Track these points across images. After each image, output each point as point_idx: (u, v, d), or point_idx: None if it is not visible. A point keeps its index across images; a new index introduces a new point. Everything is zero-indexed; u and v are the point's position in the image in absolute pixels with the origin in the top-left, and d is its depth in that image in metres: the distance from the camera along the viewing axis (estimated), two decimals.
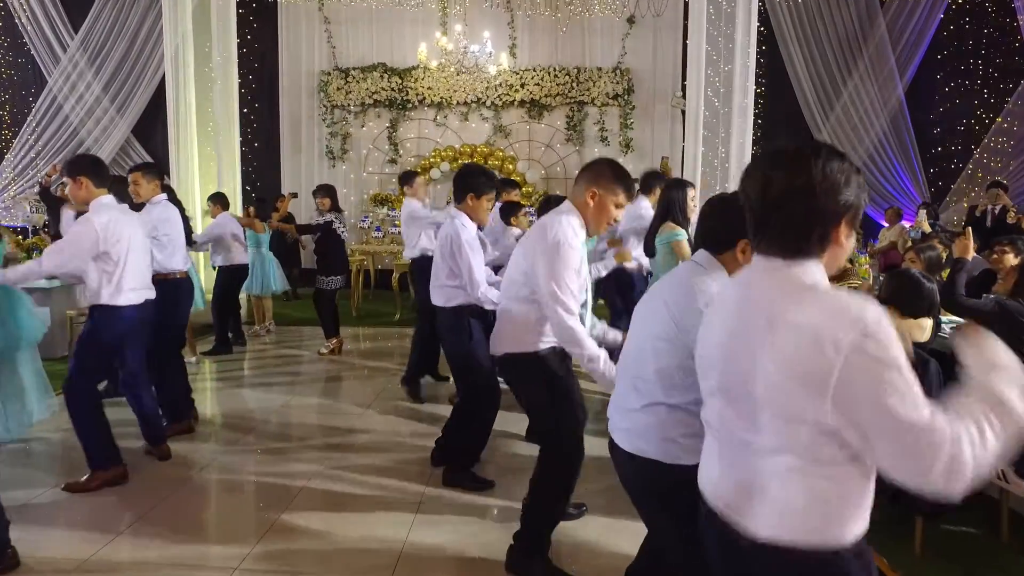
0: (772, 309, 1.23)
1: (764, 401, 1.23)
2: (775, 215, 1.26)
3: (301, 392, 5.49)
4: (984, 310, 3.06)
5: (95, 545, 3.00)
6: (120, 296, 3.57)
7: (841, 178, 1.24)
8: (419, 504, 3.44)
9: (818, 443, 1.19)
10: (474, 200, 3.73)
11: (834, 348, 1.13)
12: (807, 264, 1.26)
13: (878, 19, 10.18)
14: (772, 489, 1.25)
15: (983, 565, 2.91)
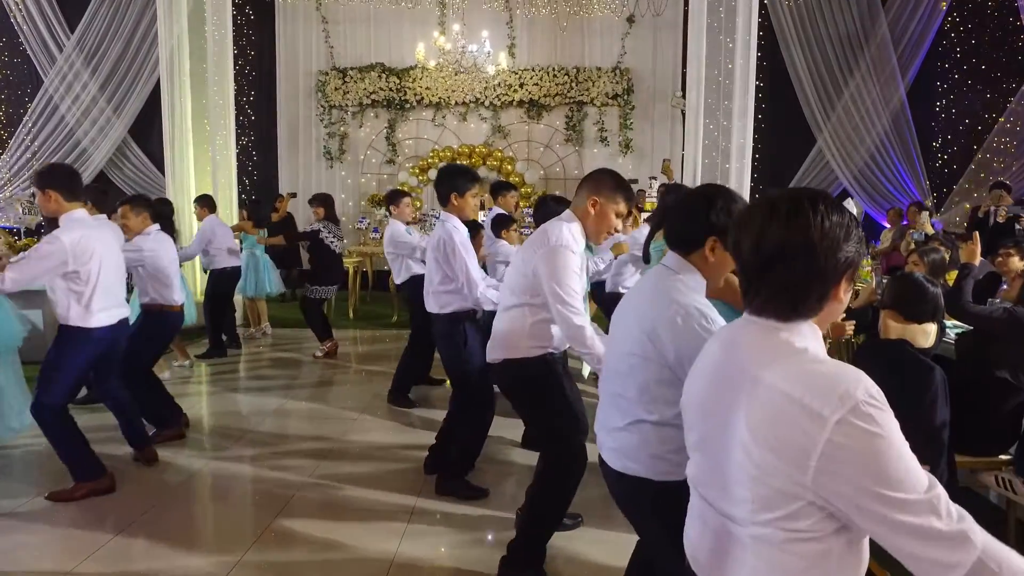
0: (756, 372, 1.14)
1: (739, 466, 1.14)
2: (770, 275, 1.16)
3: (295, 396, 5.41)
4: (993, 318, 2.98)
5: (79, 556, 2.93)
6: (91, 317, 3.43)
7: (841, 233, 1.14)
8: (411, 514, 3.37)
9: (797, 517, 1.08)
10: (458, 199, 3.65)
11: (818, 424, 1.03)
12: (801, 326, 1.17)
13: (880, 18, 10.10)
14: (744, 560, 1.16)
15: None
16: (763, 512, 1.11)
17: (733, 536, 1.18)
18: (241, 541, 3.09)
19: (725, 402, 1.18)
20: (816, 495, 1.05)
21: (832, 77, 10.21)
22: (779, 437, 1.07)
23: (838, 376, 1.06)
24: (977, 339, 3.05)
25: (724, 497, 1.19)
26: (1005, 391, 2.86)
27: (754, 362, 1.15)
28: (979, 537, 1.02)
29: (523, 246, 2.81)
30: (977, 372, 2.94)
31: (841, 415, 1.01)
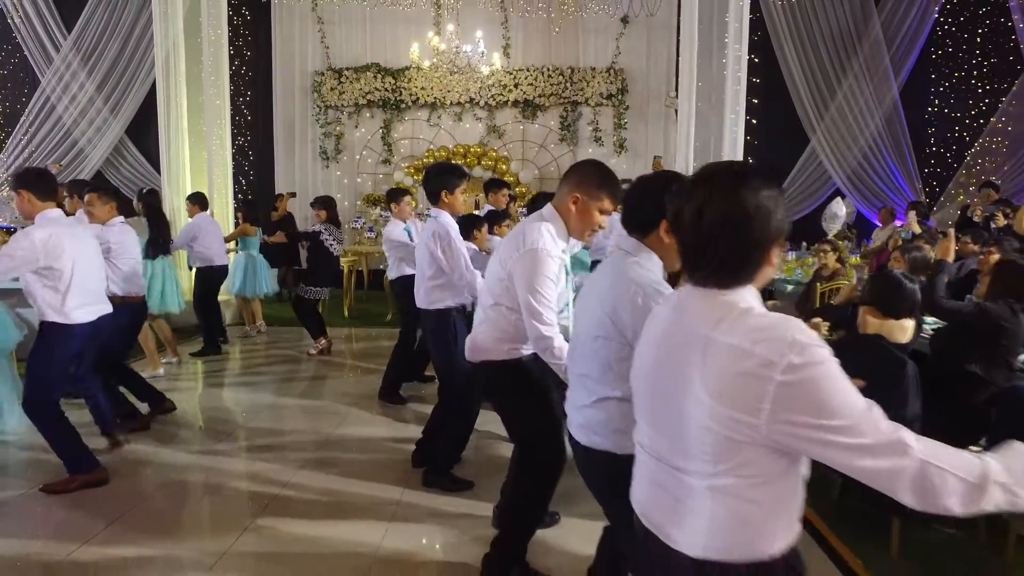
0: (708, 334, 1.22)
1: (697, 426, 1.22)
2: (710, 247, 1.24)
3: (287, 392, 5.47)
4: (963, 313, 3.04)
5: (72, 544, 3.00)
6: (71, 313, 3.50)
7: (772, 204, 1.23)
8: (396, 505, 3.42)
9: (747, 464, 1.19)
10: (449, 196, 3.70)
11: (768, 371, 1.12)
12: (742, 291, 1.26)
13: (873, 19, 10.16)
14: (700, 509, 1.25)
15: (959, 566, 2.88)
16: (720, 463, 1.20)
17: (690, 489, 1.27)
18: (230, 531, 3.15)
19: (678, 365, 1.26)
20: (768, 438, 1.15)
21: (825, 77, 10.28)
22: (734, 388, 1.16)
23: (781, 326, 1.16)
24: (949, 334, 3.11)
25: (679, 453, 1.28)
26: (975, 384, 2.92)
27: (705, 325, 1.24)
28: (918, 444, 1.12)
29: (500, 246, 2.75)
30: (949, 366, 3.00)
31: (788, 359, 1.12)
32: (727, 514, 1.23)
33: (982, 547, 3.01)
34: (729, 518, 1.22)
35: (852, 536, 3.12)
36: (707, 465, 1.22)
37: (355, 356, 6.87)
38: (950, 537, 3.11)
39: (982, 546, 3.02)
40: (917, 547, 3.00)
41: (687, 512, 1.28)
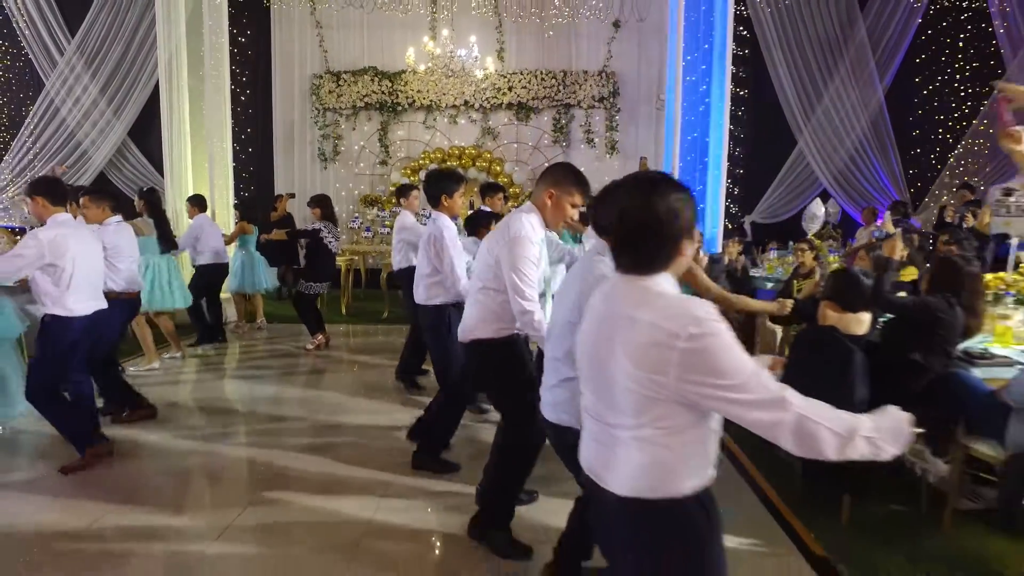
0: (631, 313, 1.49)
1: (622, 388, 1.49)
2: (630, 243, 1.54)
3: (287, 383, 5.71)
4: (907, 306, 3.29)
5: (89, 518, 3.27)
6: (70, 307, 3.79)
7: (679, 205, 1.52)
8: (387, 487, 3.67)
9: (663, 417, 1.46)
10: (447, 200, 4.02)
11: (673, 340, 1.39)
12: (658, 277, 1.54)
13: (858, 24, 10.42)
14: (626, 456, 1.52)
15: (904, 537, 3.12)
16: (640, 417, 1.48)
17: (620, 440, 1.54)
18: (233, 507, 3.41)
19: (609, 340, 1.53)
20: (677, 394, 1.42)
21: (812, 81, 10.52)
22: (649, 356, 1.43)
23: (686, 306, 1.44)
24: (895, 326, 3.36)
25: (611, 413, 1.55)
26: (916, 371, 3.17)
27: (628, 306, 1.51)
28: (797, 400, 1.39)
29: (488, 236, 3.07)
30: (895, 354, 3.25)
31: (688, 332, 1.38)
32: (647, 459, 1.49)
33: (923, 521, 3.26)
34: (648, 462, 1.49)
35: (804, 510, 3.37)
36: (630, 419, 1.49)
37: (352, 351, 7.12)
38: (895, 512, 3.37)
39: (923, 520, 3.26)
40: (865, 521, 3.25)
41: (616, 459, 1.55)
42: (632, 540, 1.59)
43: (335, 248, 6.88)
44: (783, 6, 10.32)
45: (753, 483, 3.75)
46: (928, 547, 3.04)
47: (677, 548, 1.53)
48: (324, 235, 6.72)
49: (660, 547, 1.54)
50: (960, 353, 3.24)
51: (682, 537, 1.53)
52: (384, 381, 5.74)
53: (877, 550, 3.02)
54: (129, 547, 3.03)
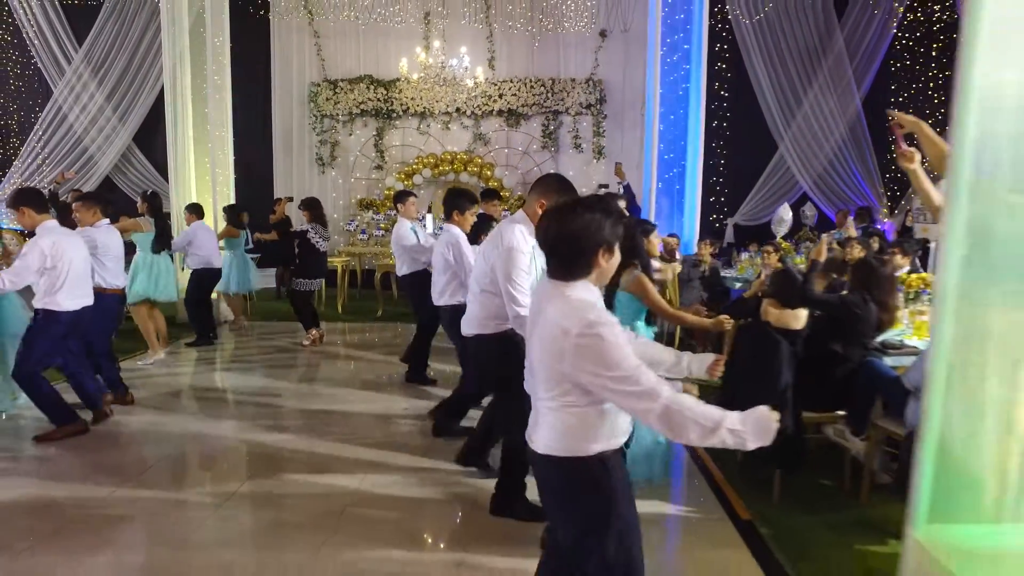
0: (545, 310, 1.88)
1: (539, 371, 1.89)
2: (554, 253, 1.89)
3: (282, 376, 6.11)
4: (829, 303, 3.70)
5: (108, 488, 3.70)
6: (62, 303, 4.32)
7: (594, 226, 1.84)
8: (372, 464, 4.08)
9: (567, 393, 1.84)
10: (459, 216, 4.72)
11: (567, 335, 1.77)
12: (576, 284, 1.88)
13: (836, 34, 10.84)
14: (544, 423, 1.93)
15: (825, 506, 3.53)
16: (552, 391, 1.87)
17: (541, 411, 1.94)
18: (233, 481, 3.83)
19: (538, 331, 1.92)
20: (572, 378, 1.80)
21: (792, 88, 10.93)
22: (552, 346, 1.81)
23: (582, 308, 1.80)
24: (819, 320, 3.77)
25: (537, 389, 1.95)
26: (836, 361, 3.57)
27: (545, 304, 1.90)
28: (667, 393, 1.73)
29: (484, 243, 3.44)
30: (819, 346, 3.65)
31: (579, 329, 1.75)
32: (558, 426, 1.89)
33: (846, 494, 3.66)
34: (559, 428, 1.88)
35: (740, 483, 3.79)
36: (546, 394, 1.89)
37: (347, 346, 7.54)
38: (822, 485, 3.77)
39: (846, 493, 3.67)
40: (795, 493, 3.65)
41: (539, 425, 1.95)
42: (548, 487, 2.00)
43: (323, 248, 7.28)
44: (763, 17, 10.74)
45: (700, 462, 4.16)
46: (845, 514, 3.44)
47: (581, 497, 1.92)
48: (311, 235, 7.14)
49: (568, 495, 1.94)
50: (877, 344, 3.64)
51: (585, 488, 1.90)
52: (378, 373, 6.17)
53: (799, 516, 3.43)
54: (139, 514, 3.45)
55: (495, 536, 3.25)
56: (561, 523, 2.02)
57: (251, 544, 3.22)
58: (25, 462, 4.13)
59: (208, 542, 3.20)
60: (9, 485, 3.76)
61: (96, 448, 4.34)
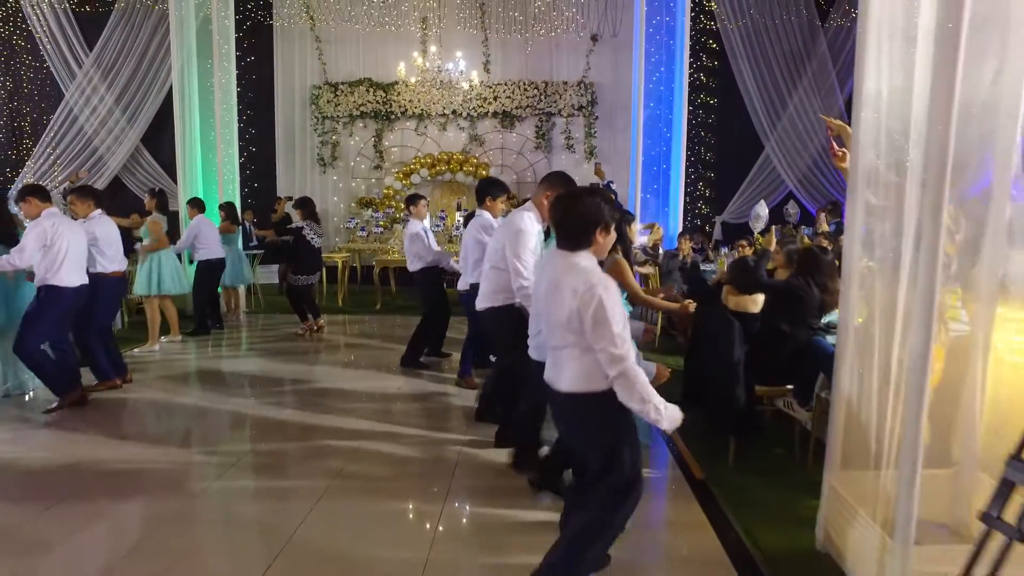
0: (560, 278, 2.35)
1: (562, 323, 2.33)
2: (562, 228, 2.41)
3: (283, 360, 6.50)
4: (775, 287, 4.09)
5: (123, 453, 4.11)
6: (64, 278, 4.78)
7: (594, 208, 2.37)
8: (366, 432, 4.48)
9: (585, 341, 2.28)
10: (491, 201, 4.98)
11: (577, 295, 2.24)
12: (580, 254, 2.39)
13: (819, 38, 11.23)
14: (567, 367, 2.37)
15: (776, 472, 3.90)
16: (568, 341, 2.33)
17: (563, 357, 2.38)
18: (243, 444, 4.25)
19: (554, 293, 2.37)
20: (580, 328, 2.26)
21: (778, 91, 11.32)
22: (569, 306, 2.26)
23: (587, 273, 2.30)
24: (768, 302, 4.16)
25: (555, 340, 2.41)
26: (783, 338, 3.95)
27: (559, 273, 2.37)
28: (631, 361, 2.23)
29: (498, 228, 4.00)
30: (769, 325, 4.04)
31: (584, 289, 2.24)
32: (578, 368, 2.33)
33: (796, 462, 4.05)
34: (583, 370, 2.32)
35: (697, 447, 4.19)
36: (565, 343, 2.34)
37: (347, 335, 7.94)
38: (774, 454, 4.16)
39: (796, 461, 4.05)
40: (749, 460, 4.03)
41: (561, 369, 2.40)
42: (574, 422, 2.48)
43: (317, 244, 7.69)
44: (748, 21, 11.13)
45: (667, 435, 4.54)
46: (790, 476, 3.82)
47: (602, 424, 2.39)
48: (306, 232, 7.55)
49: (591, 424, 2.41)
50: (822, 324, 4.03)
51: (605, 417, 2.37)
52: (375, 359, 6.56)
53: (749, 478, 3.81)
54: (153, 474, 3.85)
55: (483, 489, 3.65)
56: (588, 450, 2.49)
57: (256, 497, 3.62)
58: (44, 431, 4.55)
59: (216, 495, 3.61)
60: (31, 452, 4.17)
61: (106, 420, 4.75)
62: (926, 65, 2.36)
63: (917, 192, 2.41)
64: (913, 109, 2.49)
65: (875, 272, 2.72)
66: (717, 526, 3.27)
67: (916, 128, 2.47)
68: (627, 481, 2.41)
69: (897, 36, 2.62)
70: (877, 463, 2.59)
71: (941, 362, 2.66)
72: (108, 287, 5.48)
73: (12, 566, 2.88)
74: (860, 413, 2.74)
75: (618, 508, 2.43)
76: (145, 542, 3.10)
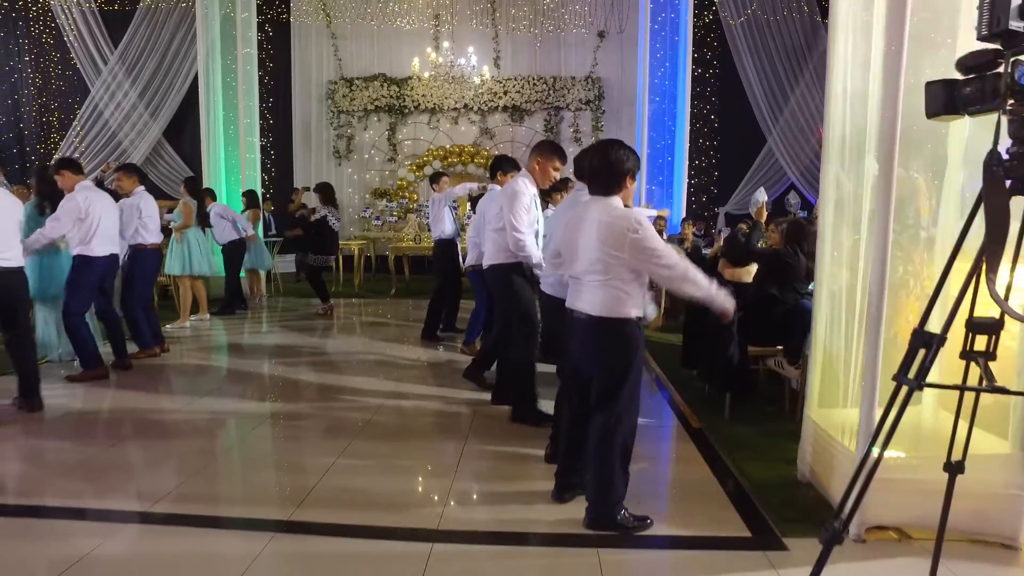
0: (599, 217, 2.70)
1: (592, 258, 2.69)
2: (596, 176, 2.78)
3: (305, 334, 6.92)
4: (765, 255, 4.46)
5: (182, 402, 4.52)
6: (95, 249, 5.11)
7: (624, 157, 2.76)
8: (388, 392, 4.87)
9: (613, 270, 2.65)
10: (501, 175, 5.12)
11: (623, 232, 2.60)
12: (613, 198, 2.77)
13: (821, 33, 11.52)
14: (591, 295, 2.73)
15: (767, 423, 4.26)
16: (595, 272, 2.69)
17: (587, 286, 2.74)
18: (264, 404, 4.65)
19: (581, 232, 2.74)
20: (628, 263, 2.63)
21: (780, 85, 11.63)
22: (611, 240, 2.63)
23: (626, 214, 2.67)
24: (759, 269, 4.52)
25: (581, 272, 2.76)
26: (773, 302, 4.31)
27: (597, 213, 2.72)
28: (684, 263, 2.68)
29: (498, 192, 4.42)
30: (761, 291, 4.40)
31: (629, 226, 2.61)
32: (607, 296, 2.68)
33: (785, 416, 4.40)
34: (607, 297, 2.68)
35: (695, 402, 4.57)
36: (591, 273, 2.71)
37: (360, 315, 8.36)
38: (767, 409, 4.52)
39: (785, 415, 4.41)
40: (742, 415, 4.39)
41: (583, 296, 2.76)
42: (592, 343, 2.79)
43: (336, 227, 8.15)
44: (750, 17, 11.47)
45: (669, 396, 4.92)
46: (779, 425, 4.18)
47: (621, 347, 2.73)
48: (329, 219, 7.98)
49: (611, 347, 2.74)
50: (809, 290, 4.38)
51: (624, 341, 2.72)
52: (392, 334, 6.98)
53: (742, 428, 4.17)
54: (202, 423, 4.25)
55: (494, 430, 4.03)
56: (599, 370, 2.81)
57: (291, 442, 4.02)
58: (95, 389, 4.96)
59: (257, 441, 4.02)
60: (87, 403, 4.61)
61: (151, 382, 5.19)
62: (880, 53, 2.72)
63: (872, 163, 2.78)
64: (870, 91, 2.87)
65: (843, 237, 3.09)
66: (712, 463, 3.64)
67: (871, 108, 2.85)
68: (624, 408, 2.75)
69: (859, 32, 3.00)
70: (846, 401, 2.96)
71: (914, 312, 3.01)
72: (147, 257, 5.92)
73: (98, 483, 3.31)
74: (833, 360, 3.11)
75: (616, 428, 2.76)
76: (200, 471, 3.50)
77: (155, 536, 2.82)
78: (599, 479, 2.79)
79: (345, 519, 2.94)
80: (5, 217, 4.20)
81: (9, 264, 4.19)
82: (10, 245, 4.23)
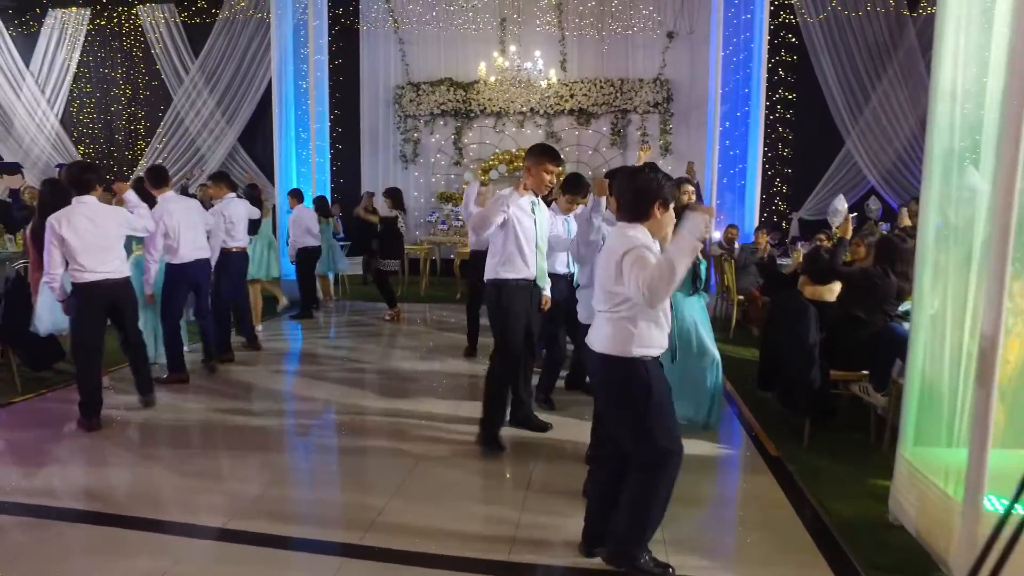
0: (610, 244, 2.57)
1: (604, 289, 2.57)
2: (622, 201, 2.60)
3: (370, 340, 7.05)
4: (852, 275, 4.19)
5: (224, 403, 4.65)
6: (179, 257, 5.32)
7: (653, 183, 2.53)
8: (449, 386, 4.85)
9: (618, 306, 2.52)
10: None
11: (621, 258, 2.44)
12: (636, 226, 2.56)
13: (907, 28, 10.93)
14: (602, 328, 2.61)
15: (851, 454, 4.01)
16: (606, 304, 2.56)
17: (600, 319, 2.62)
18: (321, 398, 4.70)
19: (602, 260, 2.60)
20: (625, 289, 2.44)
21: (860, 84, 11.07)
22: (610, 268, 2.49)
23: (632, 241, 2.46)
24: (846, 290, 4.25)
25: (598, 303, 2.64)
26: (858, 325, 4.05)
27: (612, 242, 2.57)
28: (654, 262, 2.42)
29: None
30: (846, 312, 4.15)
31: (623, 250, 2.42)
32: (612, 331, 2.56)
33: (872, 446, 4.14)
34: (614, 332, 2.55)
35: (774, 430, 4.35)
36: (604, 307, 2.58)
37: (426, 324, 8.40)
38: (851, 437, 4.26)
39: (872, 445, 4.14)
40: (824, 443, 4.15)
41: (598, 331, 2.63)
42: (602, 379, 2.67)
43: (405, 231, 8.20)
44: (830, 14, 10.95)
45: (742, 417, 4.71)
46: (865, 457, 3.93)
47: (622, 388, 2.57)
48: (399, 222, 8.02)
49: (615, 385, 2.59)
50: (899, 312, 4.10)
51: (628, 381, 2.55)
52: (449, 343, 6.97)
53: (823, 459, 3.94)
54: (268, 431, 4.34)
55: (565, 454, 3.94)
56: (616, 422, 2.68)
57: (354, 449, 4.05)
58: (181, 395, 5.13)
59: (328, 451, 4.07)
60: (174, 412, 4.77)
61: (222, 391, 5.29)
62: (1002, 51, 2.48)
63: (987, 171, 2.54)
64: (987, 98, 2.62)
65: (948, 258, 2.84)
66: (790, 496, 3.44)
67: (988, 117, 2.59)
68: (660, 453, 2.53)
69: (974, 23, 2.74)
70: (949, 440, 2.72)
71: (1015, 353, 2.75)
72: (232, 261, 6.16)
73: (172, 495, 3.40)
74: (933, 393, 2.87)
75: (656, 480, 2.55)
76: (284, 478, 3.55)
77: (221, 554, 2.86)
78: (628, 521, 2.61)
79: (414, 546, 2.92)
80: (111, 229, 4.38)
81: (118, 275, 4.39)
82: (119, 255, 4.44)
